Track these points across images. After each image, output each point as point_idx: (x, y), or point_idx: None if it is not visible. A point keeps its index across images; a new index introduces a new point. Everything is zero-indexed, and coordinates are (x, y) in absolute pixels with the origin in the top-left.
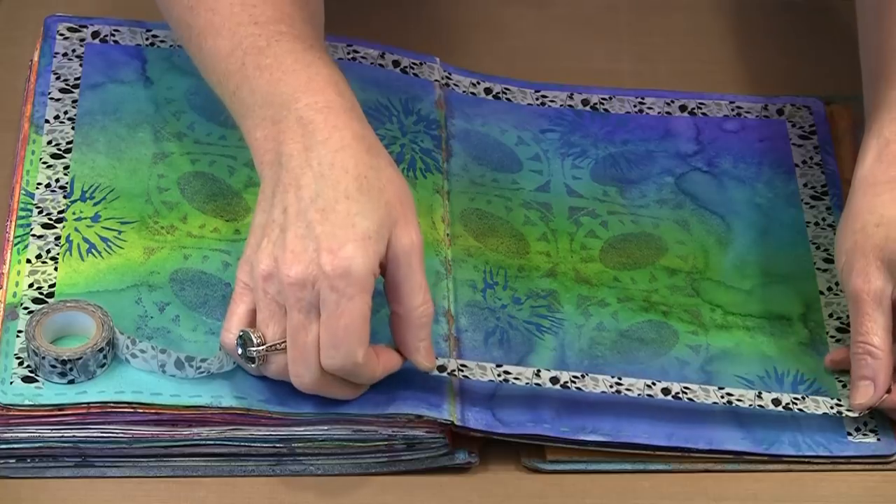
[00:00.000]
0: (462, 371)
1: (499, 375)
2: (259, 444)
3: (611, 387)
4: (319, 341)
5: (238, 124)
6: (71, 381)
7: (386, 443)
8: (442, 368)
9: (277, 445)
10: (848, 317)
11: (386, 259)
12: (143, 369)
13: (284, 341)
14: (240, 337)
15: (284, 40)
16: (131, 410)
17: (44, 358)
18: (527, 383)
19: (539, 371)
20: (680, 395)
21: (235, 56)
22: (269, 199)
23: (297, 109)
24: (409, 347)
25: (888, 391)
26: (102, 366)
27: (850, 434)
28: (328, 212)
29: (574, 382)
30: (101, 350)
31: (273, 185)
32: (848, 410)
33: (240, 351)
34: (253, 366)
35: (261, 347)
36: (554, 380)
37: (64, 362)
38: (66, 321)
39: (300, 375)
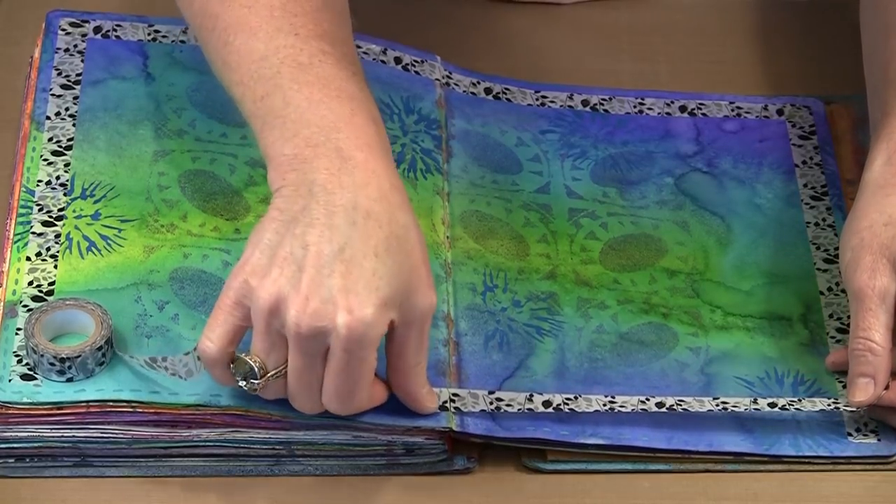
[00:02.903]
0: (454, 402)
1: (491, 403)
2: (258, 446)
3: (604, 405)
4: (323, 383)
5: (254, 128)
6: (70, 380)
7: (385, 447)
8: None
9: (277, 447)
10: (848, 317)
11: (396, 321)
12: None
13: (285, 367)
14: (237, 362)
15: (328, 63)
16: (130, 410)
17: (42, 356)
18: (519, 409)
19: (531, 395)
20: (675, 407)
21: (270, 62)
22: (288, 224)
23: (337, 139)
24: (412, 395)
25: (886, 388)
26: (101, 364)
27: (850, 434)
28: (354, 266)
29: (567, 404)
30: (99, 348)
31: (298, 211)
32: (846, 406)
33: (238, 379)
34: (247, 389)
35: (262, 380)
36: (546, 403)
37: (62, 360)
38: (66, 319)
39: (300, 405)
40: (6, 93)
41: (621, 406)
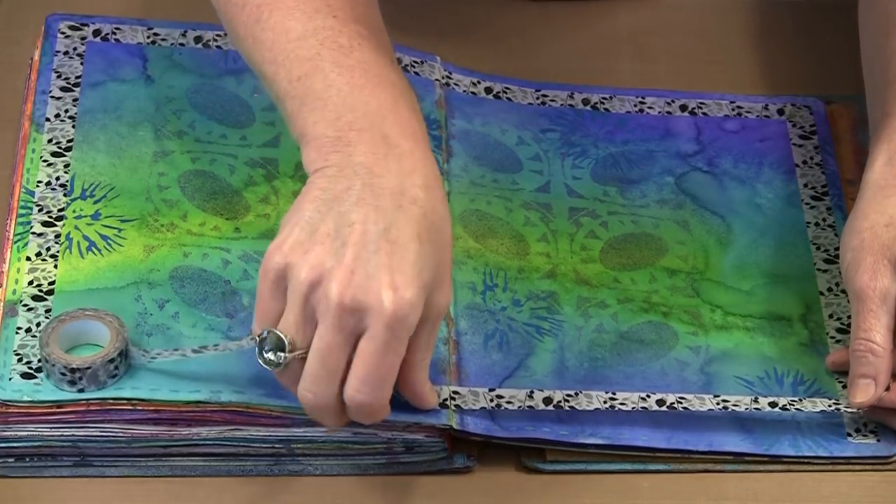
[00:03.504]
0: (454, 399)
1: (491, 401)
2: (258, 445)
3: (605, 402)
4: (350, 370)
5: (288, 107)
6: (81, 390)
7: (385, 445)
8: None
9: (276, 446)
10: (848, 317)
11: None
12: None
13: (307, 351)
14: (265, 336)
15: (367, 47)
16: (130, 408)
17: (54, 365)
18: (519, 406)
19: (532, 392)
20: (675, 405)
21: (309, 43)
22: (330, 203)
23: (382, 126)
24: (416, 391)
25: (887, 389)
26: (114, 376)
27: (850, 435)
28: (398, 247)
29: (567, 401)
30: (111, 361)
31: (342, 191)
32: (847, 407)
33: (266, 351)
34: (269, 367)
35: (291, 354)
36: (547, 400)
37: (73, 371)
38: (83, 329)
39: (315, 394)
40: (6, 93)
41: (622, 403)
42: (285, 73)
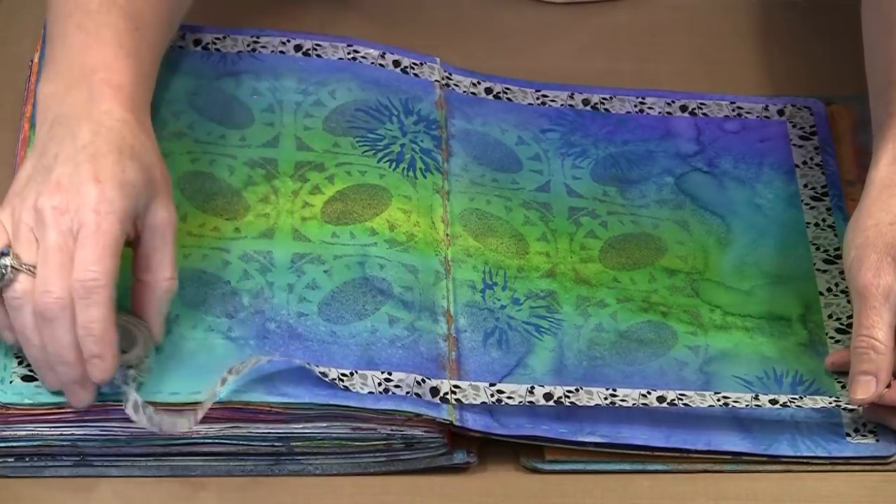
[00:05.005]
0: (455, 393)
1: (492, 395)
2: (258, 443)
3: (605, 399)
4: (75, 262)
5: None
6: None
7: (384, 442)
8: (435, 391)
9: (276, 444)
10: (848, 317)
11: (141, 228)
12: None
13: (35, 266)
14: None
15: (114, 12)
16: None
17: None
18: (520, 402)
19: (533, 388)
20: (676, 402)
21: (67, 7)
22: (38, 151)
23: (91, 81)
24: (149, 315)
25: (887, 387)
26: (135, 380)
27: (848, 435)
28: (99, 157)
29: (568, 397)
30: (130, 367)
31: (46, 140)
32: (847, 404)
33: None
34: None
35: (14, 262)
36: (548, 396)
37: None
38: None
39: (48, 290)
40: (6, 93)
41: (622, 400)
42: (49, 36)
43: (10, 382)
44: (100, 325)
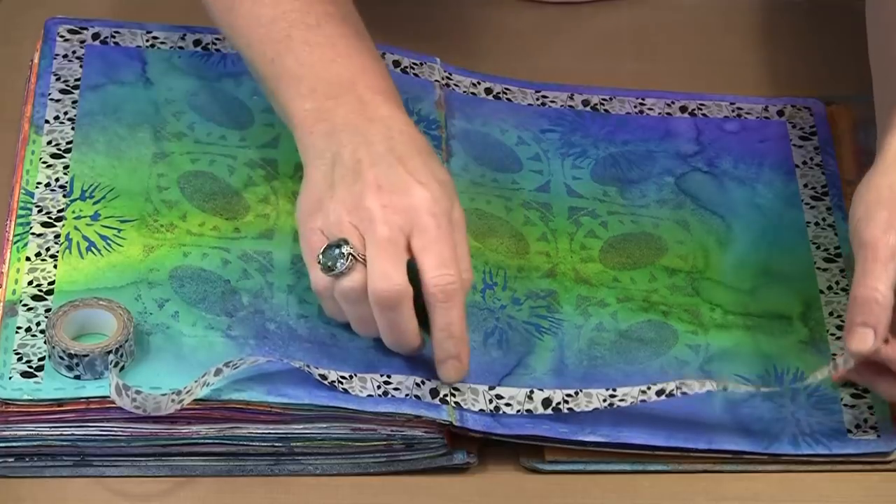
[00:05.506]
0: (454, 396)
1: (490, 401)
2: (258, 443)
3: (604, 401)
4: (423, 268)
5: (268, 88)
6: (77, 377)
7: (384, 442)
8: (435, 392)
9: (276, 444)
10: None
11: None
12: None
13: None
14: (323, 252)
15: (334, 22)
16: None
17: (54, 347)
18: (518, 410)
19: (531, 392)
20: (674, 392)
21: (279, 26)
22: (332, 160)
23: (356, 90)
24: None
25: (885, 342)
26: (117, 365)
27: (850, 431)
28: (406, 160)
29: (566, 402)
30: (109, 352)
31: (337, 150)
32: (842, 366)
33: (326, 259)
34: (332, 274)
35: (354, 251)
36: (546, 402)
37: (71, 356)
38: (95, 318)
39: (389, 278)
40: (7, 93)
41: (621, 400)
42: (260, 57)
43: (10, 378)
44: (459, 327)
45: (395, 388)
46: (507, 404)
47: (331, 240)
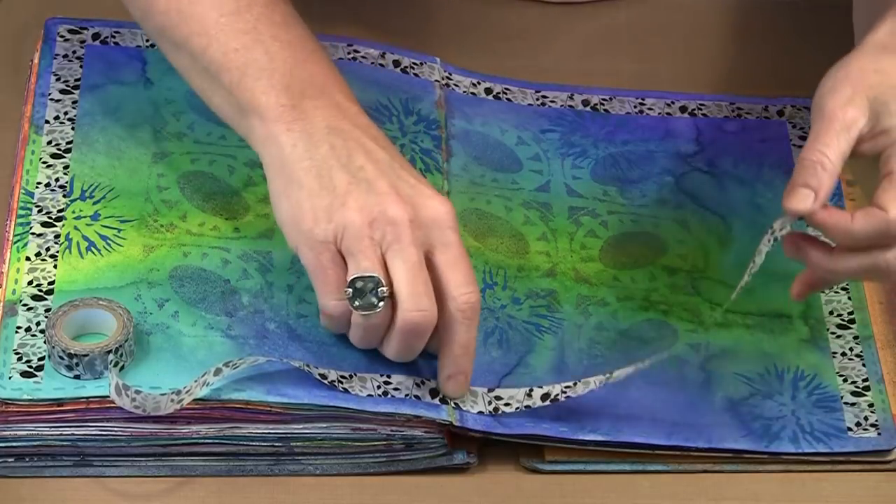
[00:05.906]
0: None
1: (489, 403)
2: (258, 443)
3: (601, 384)
4: (446, 285)
5: (225, 78)
6: (77, 377)
7: (384, 442)
8: (434, 392)
9: (276, 444)
10: (849, 314)
11: None
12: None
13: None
14: (354, 287)
15: (298, 24)
16: None
17: (54, 347)
18: (517, 409)
19: (531, 390)
20: (667, 363)
21: (244, 17)
22: (325, 164)
23: (332, 95)
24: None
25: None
26: (117, 364)
27: (850, 430)
28: (406, 169)
29: (565, 392)
30: (109, 352)
31: (327, 152)
32: (779, 231)
33: (359, 301)
34: (370, 311)
35: (388, 287)
36: (545, 396)
37: (70, 356)
38: (95, 318)
39: (422, 310)
40: (7, 93)
41: (616, 379)
42: (219, 46)
43: (10, 378)
44: (474, 345)
45: (395, 388)
46: (507, 404)
47: (354, 267)
